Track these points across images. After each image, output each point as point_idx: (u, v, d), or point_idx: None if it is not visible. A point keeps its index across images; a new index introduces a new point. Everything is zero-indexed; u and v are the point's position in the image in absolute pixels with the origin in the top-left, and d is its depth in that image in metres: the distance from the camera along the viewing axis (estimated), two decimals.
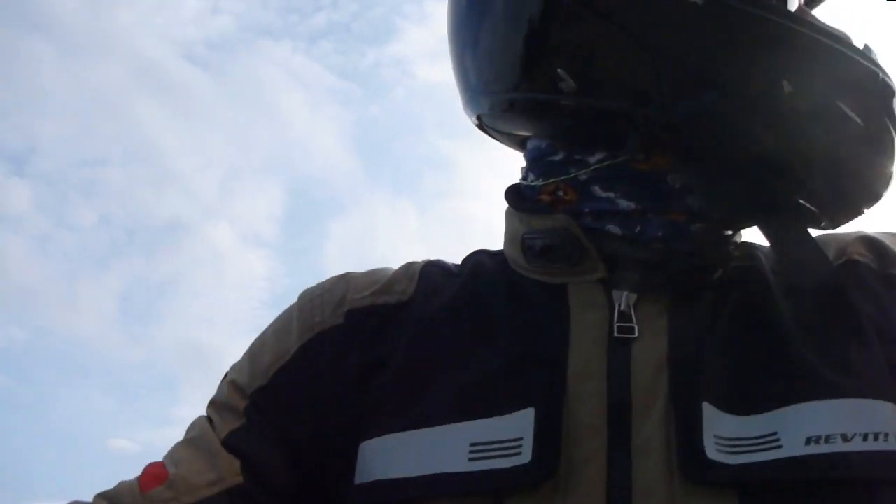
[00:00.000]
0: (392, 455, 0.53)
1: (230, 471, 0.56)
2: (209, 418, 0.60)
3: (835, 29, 0.55)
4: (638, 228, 0.57)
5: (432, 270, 0.64)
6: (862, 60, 0.53)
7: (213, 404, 0.61)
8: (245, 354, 0.63)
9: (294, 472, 0.57)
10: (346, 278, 0.64)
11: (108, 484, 0.60)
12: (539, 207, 0.60)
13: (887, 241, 0.59)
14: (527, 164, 0.64)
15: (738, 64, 0.53)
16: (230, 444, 0.57)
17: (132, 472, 0.59)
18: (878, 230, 0.62)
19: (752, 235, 0.60)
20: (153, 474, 0.56)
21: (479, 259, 0.64)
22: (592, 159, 0.58)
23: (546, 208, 0.59)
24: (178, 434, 0.62)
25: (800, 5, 0.58)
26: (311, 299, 0.63)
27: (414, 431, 0.53)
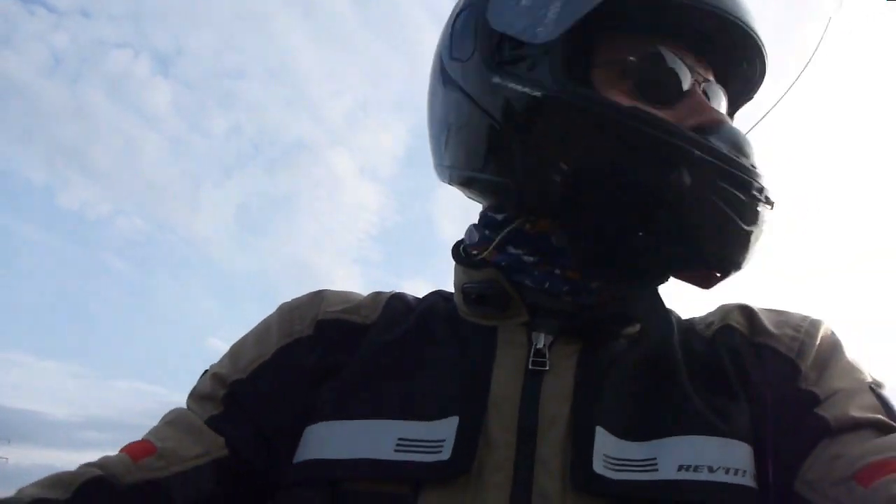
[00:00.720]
0: (327, 439, 0.61)
1: (216, 445, 0.63)
2: (187, 408, 0.68)
3: (666, 122, 0.60)
4: (547, 284, 0.66)
5: (395, 304, 0.74)
6: (684, 144, 0.58)
7: (192, 395, 0.69)
8: (226, 355, 0.72)
9: (263, 453, 0.64)
10: (321, 295, 0.74)
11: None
12: (473, 263, 0.70)
13: (763, 315, 0.68)
14: (473, 224, 0.75)
15: (570, 150, 0.61)
16: (211, 426, 0.64)
17: None
18: (764, 306, 0.70)
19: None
20: (140, 448, 0.62)
21: (434, 300, 0.74)
22: (499, 218, 0.69)
23: (478, 263, 0.69)
24: None
25: (690, 90, 0.64)
26: (290, 311, 0.73)
27: (350, 421, 0.61)
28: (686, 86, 0.64)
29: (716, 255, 0.60)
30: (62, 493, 0.58)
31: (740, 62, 0.69)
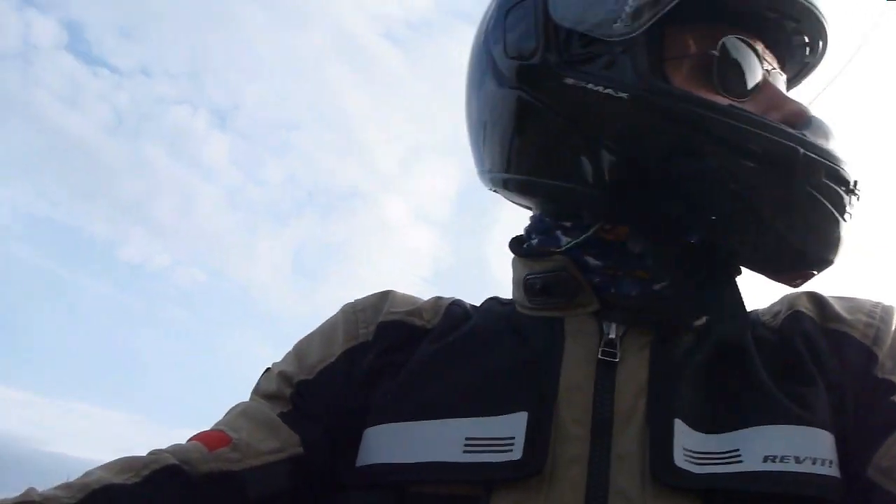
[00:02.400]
0: (392, 442, 0.60)
1: (291, 442, 0.61)
2: (256, 401, 0.66)
3: (759, 117, 0.58)
4: (613, 290, 0.64)
5: (455, 310, 0.72)
6: (782, 140, 0.56)
7: (258, 392, 0.67)
8: (291, 353, 0.71)
9: (329, 454, 0.63)
10: (387, 296, 0.73)
11: None
12: (539, 252, 0.68)
13: (832, 300, 0.65)
14: (529, 227, 0.74)
15: (659, 151, 0.58)
16: (286, 422, 0.63)
17: None
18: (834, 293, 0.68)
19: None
20: (216, 437, 0.61)
21: (491, 304, 0.73)
22: (568, 224, 0.67)
23: (544, 253, 0.68)
24: None
25: (762, 82, 0.63)
26: (355, 312, 0.71)
27: (414, 423, 0.60)
28: (760, 76, 0.62)
29: (817, 255, 0.58)
30: (132, 477, 0.56)
31: (802, 46, 0.67)
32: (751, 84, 0.61)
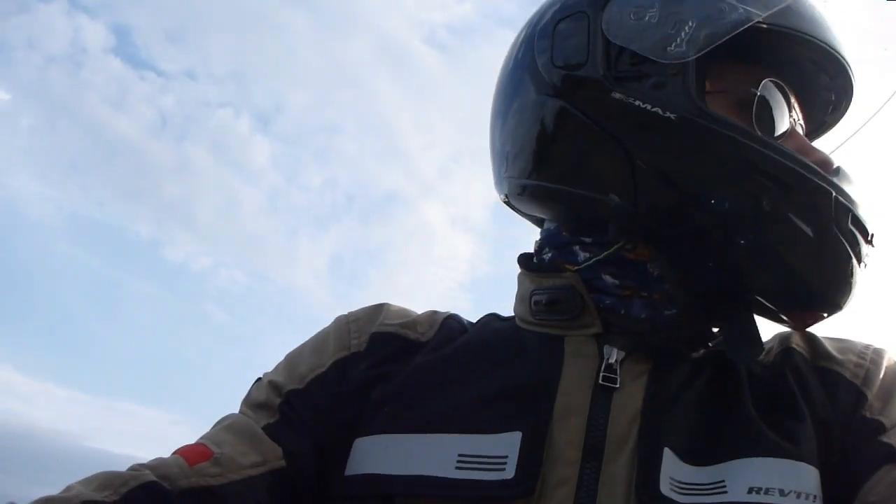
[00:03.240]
0: (383, 453, 0.59)
1: (273, 455, 0.60)
2: (242, 413, 0.66)
3: (799, 156, 0.60)
4: (623, 311, 0.64)
5: (451, 324, 0.72)
6: (818, 181, 0.59)
7: (247, 402, 0.66)
8: (282, 363, 0.70)
9: (316, 465, 0.62)
10: (381, 308, 0.72)
11: None
12: (548, 267, 0.69)
13: (824, 340, 0.67)
14: (541, 241, 0.73)
15: (699, 174, 0.60)
16: (269, 433, 0.62)
17: None
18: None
19: None
20: (197, 451, 0.59)
21: (488, 319, 0.73)
22: (588, 240, 0.67)
23: (555, 268, 0.68)
24: None
25: (790, 130, 0.64)
26: (348, 323, 0.71)
27: (408, 435, 0.59)
28: (789, 124, 0.64)
29: (832, 298, 0.61)
30: (111, 495, 0.55)
31: (827, 104, 0.70)
32: (781, 129, 0.63)
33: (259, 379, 0.69)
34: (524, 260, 0.73)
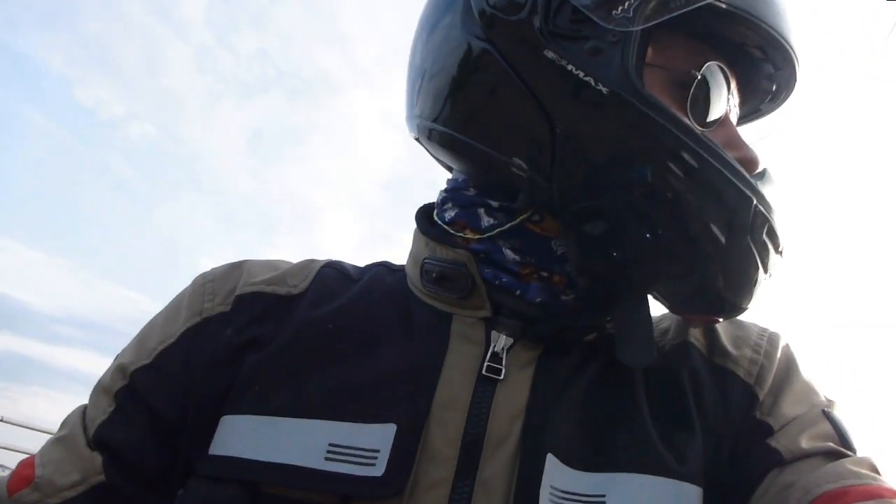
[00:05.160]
0: (251, 436, 0.54)
1: (92, 470, 0.58)
2: (85, 408, 0.62)
3: (726, 155, 0.55)
4: (518, 291, 0.60)
5: (329, 273, 0.66)
6: (741, 185, 0.54)
7: (96, 387, 0.63)
8: (134, 339, 0.64)
9: (163, 451, 0.58)
10: (242, 266, 0.65)
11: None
12: (445, 237, 0.62)
13: (721, 329, 0.65)
14: (446, 194, 0.67)
15: (619, 156, 0.54)
16: (98, 437, 0.59)
17: None
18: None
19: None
20: (21, 476, 0.58)
21: (378, 272, 0.67)
22: (495, 204, 0.62)
23: (451, 239, 0.62)
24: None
25: (723, 118, 0.60)
26: (204, 284, 0.64)
27: (278, 418, 0.54)
28: (724, 111, 0.59)
29: (732, 303, 0.57)
30: None
31: (767, 92, 0.65)
32: (716, 115, 0.58)
33: (117, 357, 0.63)
34: (423, 217, 0.66)
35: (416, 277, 0.63)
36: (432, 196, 0.68)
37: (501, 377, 0.56)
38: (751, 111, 0.68)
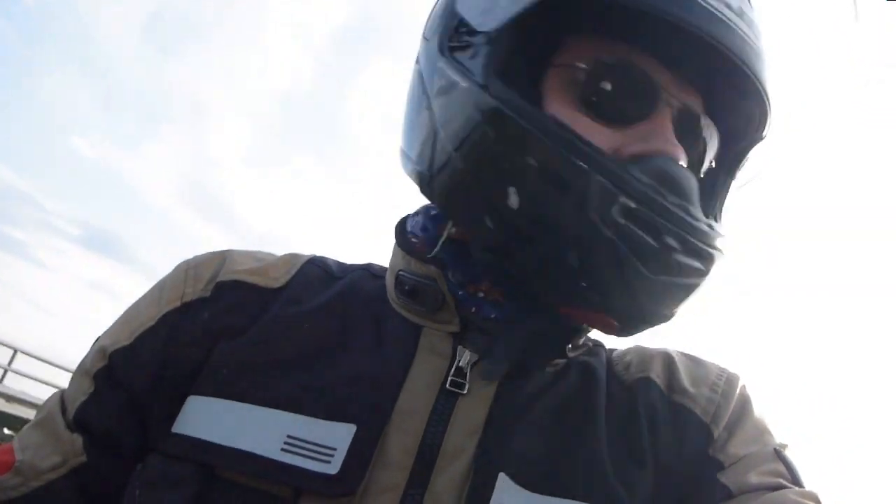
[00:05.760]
0: (213, 419, 0.56)
1: (73, 451, 0.59)
2: (62, 392, 0.64)
3: (580, 139, 0.53)
4: (474, 308, 0.61)
5: (312, 269, 0.67)
6: (577, 161, 0.51)
7: (78, 369, 0.64)
8: (116, 321, 0.65)
9: (140, 430, 0.60)
10: (225, 255, 0.67)
11: (60, 158, 0.59)
12: (418, 253, 0.64)
13: (682, 368, 0.65)
14: (423, 206, 0.69)
15: (472, 147, 0.54)
16: (78, 419, 0.60)
17: (79, 175, 0.55)
18: (688, 350, 0.68)
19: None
20: (1, 462, 0.58)
21: (360, 276, 0.68)
22: (434, 212, 0.66)
23: (423, 255, 0.63)
24: (128, 164, 0.60)
25: (641, 115, 0.57)
26: (186, 270, 0.66)
27: (241, 404, 0.56)
28: (647, 107, 0.57)
29: (618, 302, 0.54)
30: None
31: (735, 95, 0.60)
32: (625, 111, 0.56)
33: (98, 339, 0.65)
34: (400, 229, 0.68)
35: (391, 288, 0.64)
36: (333, 124, 0.70)
37: (465, 391, 0.57)
38: (749, 125, 0.63)
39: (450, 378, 0.57)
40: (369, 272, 0.69)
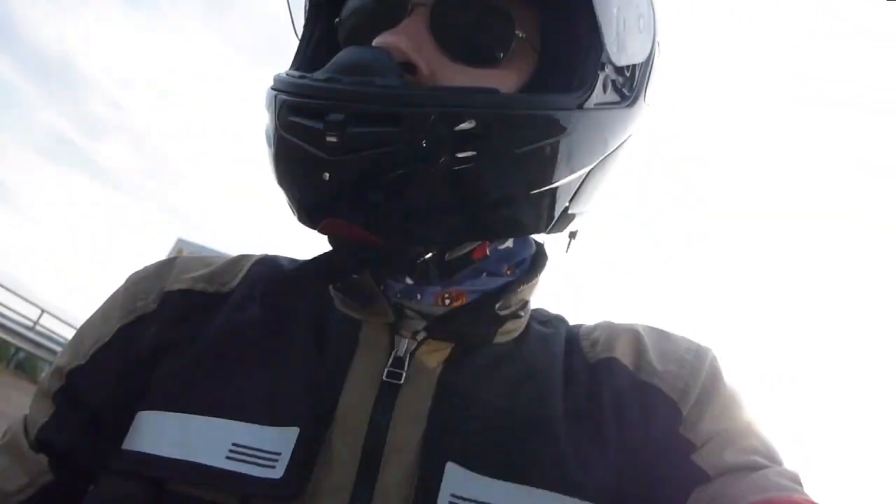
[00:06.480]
0: (159, 432, 0.55)
1: (39, 471, 0.59)
2: (25, 416, 0.63)
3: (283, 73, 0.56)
4: (419, 296, 0.60)
5: (259, 271, 0.66)
6: (268, 89, 0.55)
7: (37, 391, 0.64)
8: (69, 342, 0.65)
9: (101, 448, 0.59)
10: (173, 263, 0.66)
11: None
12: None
13: (650, 344, 0.63)
14: None
15: None
16: (41, 440, 0.60)
17: None
18: (658, 323, 0.66)
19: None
20: None
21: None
22: None
23: None
24: None
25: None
26: (136, 282, 0.65)
27: (185, 415, 0.55)
28: (394, 19, 0.56)
29: (305, 199, 0.54)
30: None
31: None
32: (374, 28, 0.56)
33: (52, 363, 0.65)
34: None
35: (331, 287, 0.63)
36: None
37: (401, 381, 0.56)
38: None
39: (386, 369, 0.56)
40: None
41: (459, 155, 0.49)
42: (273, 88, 0.54)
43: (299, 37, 0.64)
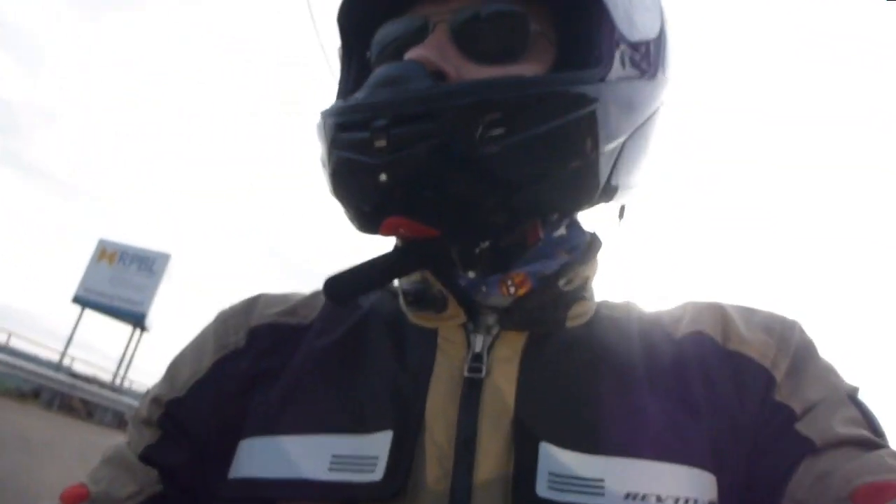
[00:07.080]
0: (262, 456, 0.58)
1: (149, 481, 0.61)
2: (128, 434, 0.66)
3: (334, 104, 0.59)
4: (484, 288, 0.62)
5: None
6: (319, 123, 0.60)
7: (133, 419, 0.67)
8: (165, 373, 0.69)
9: (203, 471, 0.62)
10: (256, 300, 0.71)
11: None
12: None
13: (735, 317, 0.63)
14: None
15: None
16: (147, 457, 0.63)
17: None
18: (737, 302, 0.66)
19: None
20: (74, 494, 0.61)
21: (380, 299, 0.70)
22: None
23: None
24: None
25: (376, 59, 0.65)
26: (225, 320, 0.70)
27: (285, 437, 0.58)
28: (419, 38, 0.60)
29: (364, 205, 0.56)
30: None
31: None
32: (397, 48, 0.61)
33: (147, 392, 0.69)
34: None
35: (403, 303, 0.66)
36: None
37: (483, 375, 0.58)
38: None
39: (468, 365, 0.58)
40: (390, 292, 0.71)
41: (495, 135, 0.52)
42: (321, 115, 0.59)
43: (338, 79, 0.70)
